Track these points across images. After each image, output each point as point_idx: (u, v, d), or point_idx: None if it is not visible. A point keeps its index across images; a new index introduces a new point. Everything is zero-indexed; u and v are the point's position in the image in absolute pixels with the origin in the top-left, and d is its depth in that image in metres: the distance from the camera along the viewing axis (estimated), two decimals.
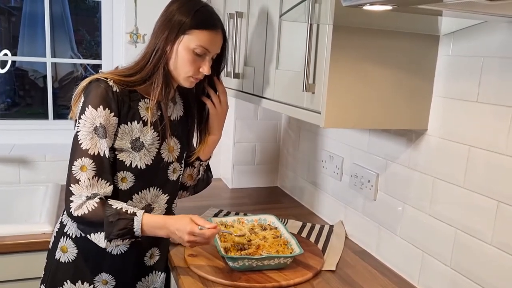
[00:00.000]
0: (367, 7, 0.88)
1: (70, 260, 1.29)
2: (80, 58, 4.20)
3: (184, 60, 1.26)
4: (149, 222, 1.19)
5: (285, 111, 1.37)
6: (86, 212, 1.16)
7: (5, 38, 3.23)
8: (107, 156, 1.20)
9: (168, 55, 1.26)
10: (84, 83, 1.24)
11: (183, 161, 1.43)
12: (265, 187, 2.33)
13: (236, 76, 1.72)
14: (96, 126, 1.18)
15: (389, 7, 0.87)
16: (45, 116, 2.32)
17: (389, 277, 1.40)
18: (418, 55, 1.24)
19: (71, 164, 1.19)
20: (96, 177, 1.18)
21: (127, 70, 1.27)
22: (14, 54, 2.68)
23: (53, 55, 2.32)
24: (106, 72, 1.26)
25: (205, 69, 1.28)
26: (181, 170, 1.42)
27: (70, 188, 1.18)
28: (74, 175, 1.18)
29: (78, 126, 1.20)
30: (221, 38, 1.30)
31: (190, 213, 1.76)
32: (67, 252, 1.30)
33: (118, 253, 1.30)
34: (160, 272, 1.42)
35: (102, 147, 1.19)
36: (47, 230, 1.60)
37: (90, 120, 1.18)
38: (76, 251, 1.29)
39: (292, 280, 1.28)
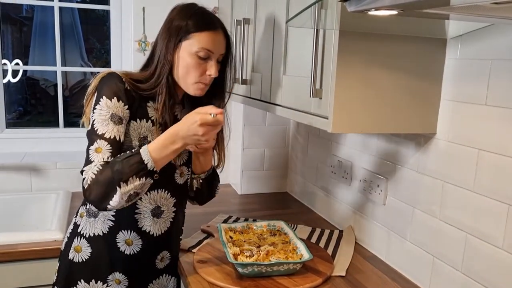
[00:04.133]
0: (373, 12, 0.88)
1: (84, 260, 1.30)
2: (90, 67, 4.25)
3: (189, 66, 1.24)
4: (156, 146, 1.13)
5: (293, 117, 1.38)
6: (93, 176, 1.10)
7: (17, 48, 3.28)
8: (122, 142, 1.19)
9: (172, 64, 1.25)
10: (97, 79, 1.23)
11: (191, 165, 1.42)
12: (274, 192, 2.33)
13: (244, 82, 1.73)
14: (112, 113, 1.18)
15: (394, 12, 0.87)
16: (56, 124, 2.35)
17: (399, 282, 1.39)
18: (425, 59, 1.24)
19: (87, 151, 1.16)
20: (112, 158, 1.14)
21: (138, 76, 1.27)
22: (25, 63, 2.73)
23: (64, 63, 2.35)
24: (119, 71, 1.26)
25: (212, 71, 1.25)
26: (188, 174, 1.41)
27: (83, 170, 1.14)
28: (90, 158, 1.14)
29: (93, 116, 1.18)
30: (223, 38, 1.27)
31: (200, 220, 1.78)
32: (81, 251, 1.30)
33: (131, 253, 1.31)
34: (170, 276, 1.43)
35: (118, 132, 1.17)
36: (58, 238, 1.61)
37: (105, 109, 1.18)
38: (90, 250, 1.30)
39: (302, 285, 1.28)
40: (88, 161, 1.15)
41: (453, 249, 1.25)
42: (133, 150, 1.14)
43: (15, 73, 2.30)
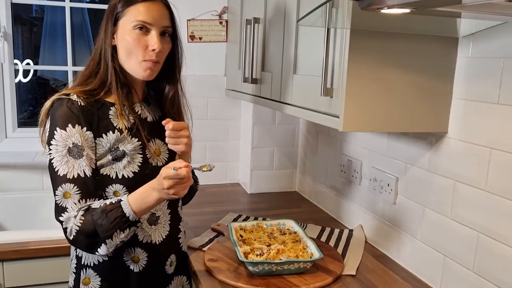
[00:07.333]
0: (385, 11, 0.88)
1: None
2: None
3: (129, 44, 1.16)
4: (136, 198, 1.11)
5: (303, 116, 1.38)
6: (78, 228, 1.10)
7: (27, 48, 3.30)
8: (88, 175, 1.14)
9: (115, 48, 1.19)
10: (47, 104, 1.17)
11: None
12: (283, 191, 2.33)
13: (254, 81, 1.73)
14: (69, 147, 1.12)
15: (407, 10, 0.87)
16: None
17: (410, 281, 1.38)
18: (437, 58, 1.23)
19: (54, 194, 1.13)
20: (83, 200, 1.13)
21: (82, 77, 1.21)
22: (35, 63, 2.75)
23: (73, 63, 2.36)
24: (67, 88, 1.21)
25: (154, 44, 1.16)
26: None
27: (60, 219, 1.12)
28: (60, 204, 1.12)
29: (50, 153, 1.14)
30: (163, 8, 1.19)
31: (210, 219, 1.79)
32: (90, 283, 1.24)
33: (141, 269, 1.26)
34: (180, 276, 1.41)
35: (81, 167, 1.13)
36: None
37: (61, 143, 1.12)
38: (100, 279, 1.23)
39: (312, 284, 1.28)
40: (60, 208, 1.12)
41: (464, 249, 1.24)
42: (113, 201, 1.12)
43: (26, 73, 2.31)
